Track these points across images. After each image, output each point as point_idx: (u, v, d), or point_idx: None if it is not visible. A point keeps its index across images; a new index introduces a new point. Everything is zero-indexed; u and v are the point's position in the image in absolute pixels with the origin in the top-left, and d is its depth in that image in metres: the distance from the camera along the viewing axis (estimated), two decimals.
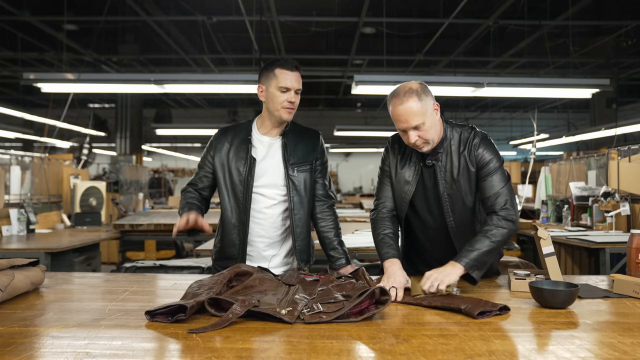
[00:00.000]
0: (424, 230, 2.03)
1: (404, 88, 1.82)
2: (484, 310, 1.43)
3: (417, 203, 1.99)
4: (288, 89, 2.01)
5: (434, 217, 1.98)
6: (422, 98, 1.79)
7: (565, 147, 14.56)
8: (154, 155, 19.17)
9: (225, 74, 10.28)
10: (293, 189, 2.07)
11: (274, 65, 2.03)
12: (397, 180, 1.99)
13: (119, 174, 8.10)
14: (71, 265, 4.09)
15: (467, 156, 1.89)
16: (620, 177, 4.57)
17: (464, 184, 1.90)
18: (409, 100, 1.78)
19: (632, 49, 9.12)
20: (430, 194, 1.96)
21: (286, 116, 2.04)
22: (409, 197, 1.96)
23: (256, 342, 1.22)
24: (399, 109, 1.79)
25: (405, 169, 1.97)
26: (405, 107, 1.78)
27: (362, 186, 21.18)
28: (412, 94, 1.79)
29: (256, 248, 2.12)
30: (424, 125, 1.80)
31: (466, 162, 1.89)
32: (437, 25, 7.90)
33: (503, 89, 5.36)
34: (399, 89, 1.83)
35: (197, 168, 2.20)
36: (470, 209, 1.94)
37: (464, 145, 1.90)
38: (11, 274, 1.63)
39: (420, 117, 1.79)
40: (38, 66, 10.74)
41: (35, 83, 5.04)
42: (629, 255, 1.87)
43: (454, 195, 1.91)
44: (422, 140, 1.83)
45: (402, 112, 1.79)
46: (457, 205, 1.92)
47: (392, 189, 2.03)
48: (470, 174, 1.90)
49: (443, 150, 1.92)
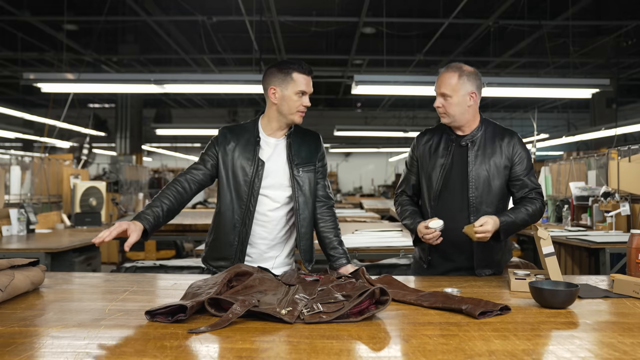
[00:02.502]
0: (450, 210, 2.10)
1: (457, 64, 2.08)
2: (485, 311, 1.43)
3: (448, 180, 2.12)
4: (305, 92, 2.03)
5: (458, 197, 2.10)
6: (461, 78, 2.03)
7: (565, 147, 14.55)
8: (154, 155, 19.17)
9: (225, 74, 10.27)
10: (298, 189, 2.07)
11: (290, 69, 2.02)
12: (432, 160, 2.16)
13: (119, 174, 8.10)
14: (71, 265, 4.09)
15: (506, 146, 2.09)
16: (620, 177, 4.57)
17: (493, 166, 2.08)
18: (452, 73, 2.04)
19: (632, 49, 9.11)
20: (461, 172, 2.10)
21: (298, 120, 2.07)
22: (445, 170, 2.11)
23: (256, 342, 1.22)
24: (441, 75, 2.07)
25: (439, 149, 2.15)
26: (444, 76, 2.05)
27: (362, 186, 21.17)
28: (457, 70, 2.04)
29: (258, 249, 2.11)
30: (451, 99, 2.03)
31: (501, 150, 2.09)
32: (437, 25, 7.90)
33: (503, 89, 5.37)
34: (455, 63, 2.09)
35: (199, 157, 2.12)
36: (494, 192, 2.09)
37: (501, 136, 2.11)
38: (11, 274, 1.63)
39: (451, 90, 2.03)
40: (38, 66, 10.74)
41: (35, 83, 5.04)
42: (629, 255, 1.87)
43: (481, 174, 2.08)
44: (442, 109, 2.07)
45: (440, 78, 2.07)
46: (482, 185, 2.08)
47: (424, 175, 2.18)
48: (503, 162, 2.09)
49: (479, 135, 2.11)
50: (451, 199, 2.10)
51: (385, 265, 3.39)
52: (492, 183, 2.07)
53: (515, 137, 2.12)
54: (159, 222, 1.93)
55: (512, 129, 2.16)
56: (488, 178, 2.07)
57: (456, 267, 2.15)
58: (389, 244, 3.63)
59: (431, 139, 2.19)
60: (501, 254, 2.17)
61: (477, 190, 2.07)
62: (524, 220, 2.03)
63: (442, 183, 2.11)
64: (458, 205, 2.09)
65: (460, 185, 2.09)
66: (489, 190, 2.08)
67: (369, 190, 20.12)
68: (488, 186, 2.07)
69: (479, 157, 2.08)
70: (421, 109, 15.13)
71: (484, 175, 2.07)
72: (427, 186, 2.16)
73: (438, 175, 2.12)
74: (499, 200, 2.10)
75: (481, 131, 2.11)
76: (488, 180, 2.07)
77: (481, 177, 2.07)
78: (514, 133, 2.14)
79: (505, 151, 2.08)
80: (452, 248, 2.12)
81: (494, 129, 2.14)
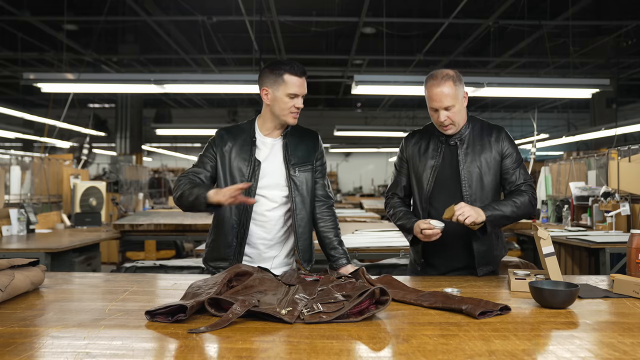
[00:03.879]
0: (440, 213, 2.07)
1: (441, 73, 2.03)
2: (485, 311, 1.43)
3: (439, 181, 2.12)
4: (297, 95, 2.01)
5: (453, 196, 2.07)
6: (456, 84, 2.02)
7: (565, 147, 14.55)
8: (154, 155, 19.16)
9: (225, 74, 10.26)
10: (295, 189, 2.07)
11: (282, 70, 1.99)
12: (422, 162, 2.15)
13: (119, 174, 8.10)
14: (71, 265, 4.09)
15: (494, 142, 2.10)
16: (620, 177, 4.57)
17: (484, 163, 2.09)
18: (445, 83, 2.00)
19: (632, 49, 9.11)
20: (452, 172, 2.10)
21: (292, 121, 2.05)
22: (435, 172, 2.11)
23: (256, 342, 1.22)
24: (435, 90, 2.01)
25: (428, 150, 2.15)
26: (442, 90, 2.00)
27: (362, 186, 21.16)
28: (448, 78, 2.01)
29: (256, 250, 2.11)
30: (454, 107, 2.02)
31: (490, 146, 2.10)
32: (437, 25, 7.89)
33: (503, 89, 5.37)
34: (437, 72, 2.04)
35: (197, 159, 2.12)
36: (487, 189, 2.09)
37: (488, 132, 2.12)
38: (11, 274, 1.63)
39: (453, 100, 2.00)
40: (38, 66, 10.74)
41: (35, 83, 5.04)
42: (629, 255, 1.87)
43: (473, 172, 2.08)
44: (449, 121, 2.04)
45: (438, 93, 2.01)
46: (475, 182, 2.08)
47: (414, 177, 2.18)
48: (493, 158, 2.09)
49: (467, 133, 2.11)
50: (444, 200, 2.07)
51: (385, 265, 3.38)
52: (484, 179, 2.08)
53: (503, 132, 2.13)
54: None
55: (498, 125, 2.17)
56: (480, 175, 2.08)
57: (455, 267, 2.15)
58: (389, 244, 3.63)
59: (420, 140, 2.19)
60: (499, 250, 2.18)
61: (470, 189, 2.07)
62: (513, 212, 2.01)
63: (433, 184, 2.11)
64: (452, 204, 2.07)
65: (453, 185, 2.09)
66: (482, 187, 2.08)
67: (369, 190, 20.11)
68: (480, 183, 2.08)
69: (469, 155, 2.09)
70: (421, 109, 15.10)
71: (475, 173, 2.08)
72: (418, 188, 2.16)
73: (429, 177, 2.12)
74: (492, 197, 2.11)
75: (469, 129, 2.12)
76: (480, 177, 2.08)
77: (473, 175, 2.08)
78: (501, 128, 2.15)
79: (495, 146, 2.10)
80: (451, 250, 2.12)
81: (482, 125, 2.15)
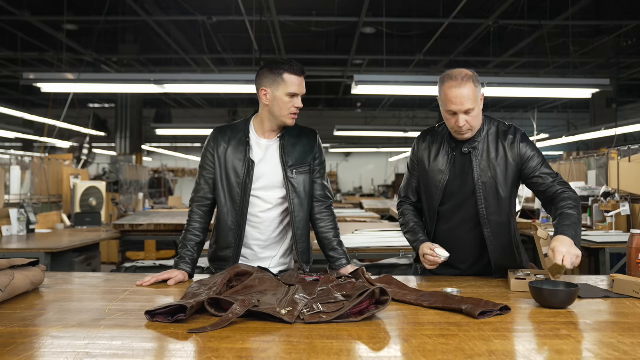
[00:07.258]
0: (453, 221, 2.01)
1: (461, 73, 1.85)
2: (485, 311, 1.43)
3: (450, 192, 1.99)
4: (296, 94, 1.98)
5: (465, 206, 1.98)
6: (476, 85, 1.85)
7: (565, 147, 14.55)
8: (154, 155, 19.16)
9: (225, 74, 10.27)
10: (293, 191, 2.04)
11: (281, 69, 1.96)
12: (431, 169, 2.02)
13: (119, 174, 8.10)
14: (71, 265, 4.09)
15: (509, 148, 1.94)
16: (620, 177, 4.57)
17: (500, 173, 1.94)
18: (466, 84, 1.83)
19: (632, 49, 9.11)
20: (464, 182, 1.97)
21: (290, 122, 2.02)
22: (443, 185, 1.98)
23: (256, 342, 1.22)
24: (455, 91, 1.83)
25: (438, 158, 2.01)
26: (463, 91, 1.83)
27: (362, 186, 21.17)
28: (469, 79, 1.84)
29: (252, 251, 2.09)
30: (474, 111, 1.86)
31: (505, 153, 1.94)
32: (437, 25, 7.90)
33: (503, 89, 5.37)
34: (455, 72, 1.86)
35: (198, 171, 2.13)
36: (503, 199, 1.95)
37: (503, 137, 1.96)
38: (11, 274, 1.63)
39: (473, 102, 1.84)
40: (38, 66, 10.74)
41: (35, 83, 5.05)
42: (629, 255, 1.87)
43: (488, 183, 1.94)
44: (468, 126, 1.88)
45: (458, 95, 1.83)
46: (491, 194, 1.94)
47: (422, 184, 2.06)
48: (509, 165, 1.94)
49: (481, 139, 1.96)
50: (458, 213, 1.98)
51: (385, 265, 3.39)
52: (500, 190, 1.93)
53: (519, 134, 1.97)
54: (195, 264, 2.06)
55: (514, 125, 2.01)
56: (495, 186, 1.93)
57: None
58: (389, 244, 3.63)
59: (431, 144, 2.04)
60: (520, 257, 2.10)
61: (486, 202, 1.93)
62: (579, 220, 1.82)
63: (442, 197, 1.99)
64: (467, 219, 1.98)
65: (465, 197, 1.97)
66: (498, 199, 1.94)
67: (369, 190, 20.11)
68: (497, 195, 1.94)
69: (483, 164, 1.94)
70: (421, 109, 15.10)
71: (491, 184, 1.93)
72: (427, 197, 2.05)
73: (438, 190, 1.99)
74: (508, 208, 1.97)
75: (483, 133, 1.97)
76: (496, 188, 1.93)
77: (488, 186, 1.93)
78: (517, 130, 1.99)
79: (510, 153, 1.94)
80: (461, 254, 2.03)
81: (497, 129, 1.99)
